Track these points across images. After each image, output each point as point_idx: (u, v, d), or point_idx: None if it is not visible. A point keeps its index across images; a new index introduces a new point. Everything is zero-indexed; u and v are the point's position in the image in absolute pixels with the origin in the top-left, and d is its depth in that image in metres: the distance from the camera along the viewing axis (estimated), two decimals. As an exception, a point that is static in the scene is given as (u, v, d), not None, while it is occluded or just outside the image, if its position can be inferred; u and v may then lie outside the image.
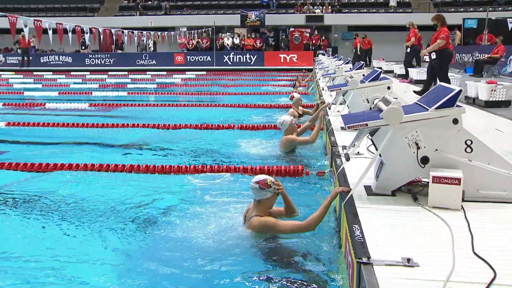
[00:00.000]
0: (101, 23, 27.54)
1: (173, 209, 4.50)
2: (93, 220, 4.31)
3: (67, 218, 4.37)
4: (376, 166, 3.81)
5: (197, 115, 10.53)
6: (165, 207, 4.57)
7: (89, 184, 5.44)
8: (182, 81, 20.18)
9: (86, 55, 27.01)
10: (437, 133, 3.45)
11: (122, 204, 4.70)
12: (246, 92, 14.69)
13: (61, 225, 4.22)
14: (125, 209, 4.59)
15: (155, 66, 25.82)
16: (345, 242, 3.20)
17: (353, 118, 3.76)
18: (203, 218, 4.16)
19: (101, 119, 10.06)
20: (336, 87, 7.73)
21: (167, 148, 7.40)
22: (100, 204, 4.72)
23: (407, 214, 3.27)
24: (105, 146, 7.59)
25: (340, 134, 6.22)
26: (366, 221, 3.12)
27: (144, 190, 5.16)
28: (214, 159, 6.59)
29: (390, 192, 3.65)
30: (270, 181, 3.64)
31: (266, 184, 3.63)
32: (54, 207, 4.70)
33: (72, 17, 31.50)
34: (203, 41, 28.46)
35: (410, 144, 3.48)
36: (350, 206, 3.40)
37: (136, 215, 4.41)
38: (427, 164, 3.47)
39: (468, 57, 18.21)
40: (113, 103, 12.51)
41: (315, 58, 24.19)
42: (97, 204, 4.73)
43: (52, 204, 4.76)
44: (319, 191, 4.96)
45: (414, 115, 3.45)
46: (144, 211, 4.51)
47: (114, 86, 18.04)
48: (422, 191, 3.62)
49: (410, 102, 4.27)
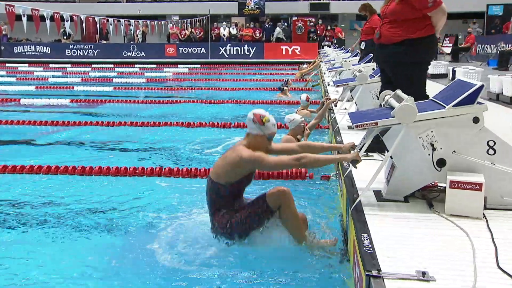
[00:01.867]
0: (83, 10, 27.60)
1: (163, 214, 4.51)
2: (65, 226, 4.35)
3: (36, 224, 4.40)
4: (387, 169, 3.80)
5: (191, 112, 10.53)
6: (154, 212, 4.60)
7: (71, 188, 5.45)
8: (173, 75, 20.16)
9: (67, 45, 26.99)
10: (455, 133, 3.44)
11: (101, 210, 4.74)
12: (244, 87, 14.70)
13: (30, 231, 4.26)
14: (103, 214, 4.63)
15: (144, 59, 25.86)
16: (353, 252, 3.19)
17: (361, 116, 3.75)
18: (190, 225, 4.19)
19: (84, 116, 10.04)
20: (343, 82, 7.73)
21: (157, 148, 7.40)
22: (76, 209, 4.75)
23: (422, 223, 3.25)
24: (88, 146, 7.56)
25: (347, 133, 6.20)
26: (376, 229, 3.10)
27: (133, 194, 5.18)
28: (207, 160, 6.59)
29: (402, 198, 3.63)
30: (267, 119, 3.63)
31: (260, 120, 3.63)
32: (23, 211, 4.72)
33: (50, 2, 31.25)
34: (197, 31, 28.49)
35: (424, 145, 3.47)
36: (358, 213, 3.38)
37: (116, 221, 4.45)
38: (444, 167, 3.45)
39: (492, 48, 18.13)
40: (97, 99, 12.48)
41: (319, 50, 24.20)
42: (72, 209, 4.75)
43: (21, 209, 4.79)
44: (323, 197, 4.95)
45: (429, 113, 3.44)
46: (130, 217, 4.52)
47: (98, 80, 18.03)
48: (438, 197, 3.61)
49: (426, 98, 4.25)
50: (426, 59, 4.60)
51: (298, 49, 25.77)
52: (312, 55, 24.17)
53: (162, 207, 4.73)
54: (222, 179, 3.61)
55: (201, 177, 5.64)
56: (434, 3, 4.29)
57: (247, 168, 3.60)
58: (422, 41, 4.42)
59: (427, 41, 4.45)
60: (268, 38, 28.31)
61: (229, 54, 26.02)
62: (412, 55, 4.46)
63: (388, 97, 3.95)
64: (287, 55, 25.64)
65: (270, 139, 3.71)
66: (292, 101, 11.24)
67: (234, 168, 3.57)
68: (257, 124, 3.63)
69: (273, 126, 3.67)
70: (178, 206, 4.71)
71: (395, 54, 4.53)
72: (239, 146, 3.64)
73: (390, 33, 4.54)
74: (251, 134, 3.67)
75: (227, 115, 10.14)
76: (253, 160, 3.51)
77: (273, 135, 3.71)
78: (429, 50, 4.59)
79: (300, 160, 3.50)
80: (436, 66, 13.54)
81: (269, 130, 3.65)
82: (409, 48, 4.44)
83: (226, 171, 3.60)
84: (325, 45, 24.73)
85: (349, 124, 6.22)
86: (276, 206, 3.58)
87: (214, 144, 7.52)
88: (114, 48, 26.97)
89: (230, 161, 3.58)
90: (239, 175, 3.61)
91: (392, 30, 4.52)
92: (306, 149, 3.83)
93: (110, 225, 4.36)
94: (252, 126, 3.65)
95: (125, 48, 26.81)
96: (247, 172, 3.63)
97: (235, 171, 3.58)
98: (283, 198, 3.58)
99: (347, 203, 3.77)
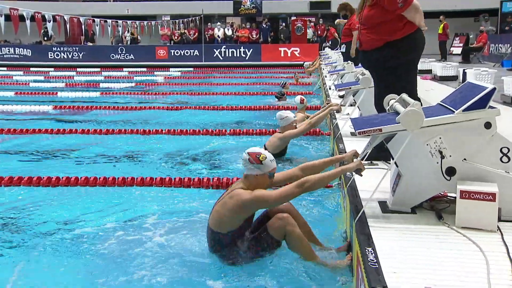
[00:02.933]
0: (67, 10, 27.61)
1: (154, 227, 4.55)
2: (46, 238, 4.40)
3: (11, 235, 4.47)
4: (392, 179, 3.80)
5: (183, 119, 10.54)
6: (148, 224, 4.66)
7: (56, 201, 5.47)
8: (165, 80, 20.18)
9: (49, 47, 26.90)
10: (466, 139, 3.43)
11: (79, 223, 4.79)
12: (240, 92, 14.72)
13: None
14: (85, 226, 4.67)
15: (133, 62, 25.87)
16: (356, 267, 3.17)
17: (364, 123, 3.75)
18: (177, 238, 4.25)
19: (68, 124, 10.02)
20: (345, 86, 7.74)
21: (147, 157, 7.38)
22: (58, 221, 4.81)
23: (430, 236, 3.24)
24: (73, 156, 7.55)
25: (350, 140, 6.22)
26: (381, 243, 3.09)
27: (121, 205, 5.24)
28: (200, 170, 6.61)
29: (409, 209, 3.63)
30: (263, 157, 3.67)
31: (257, 159, 3.66)
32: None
33: (30, 1, 31.05)
34: (190, 33, 28.57)
35: (432, 152, 3.47)
36: (362, 225, 3.37)
37: (103, 233, 4.48)
38: (454, 176, 3.45)
39: (506, 48, 18.12)
40: (83, 106, 12.47)
41: (320, 52, 24.28)
42: (53, 222, 4.81)
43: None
44: (324, 208, 4.94)
45: (437, 118, 3.44)
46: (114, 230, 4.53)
47: (84, 85, 18.04)
48: (448, 208, 3.60)
49: (433, 103, 4.25)
50: (410, 58, 4.65)
51: (297, 51, 25.82)
52: (312, 58, 24.23)
53: (157, 217, 4.81)
54: (223, 228, 3.65)
55: (195, 187, 5.73)
56: (404, 3, 4.41)
57: (250, 211, 3.64)
58: (404, 41, 4.52)
59: (408, 40, 4.53)
60: (266, 39, 28.40)
61: (224, 56, 26.06)
62: (396, 57, 4.55)
63: (393, 101, 3.95)
64: (286, 57, 25.70)
65: (272, 176, 3.74)
66: (292, 107, 11.25)
67: (236, 215, 3.61)
68: (254, 164, 3.66)
69: (271, 162, 3.71)
70: (175, 216, 4.77)
71: (378, 59, 4.65)
72: (237, 190, 3.65)
73: (369, 39, 4.66)
74: (250, 175, 3.69)
75: (222, 121, 10.14)
76: (256, 201, 3.54)
77: (274, 171, 3.74)
78: (413, 48, 4.63)
79: (303, 185, 3.50)
80: (445, 67, 13.56)
81: (268, 168, 3.69)
82: (391, 50, 4.54)
83: (227, 219, 3.62)
84: (326, 46, 24.81)
85: (352, 130, 6.23)
86: (281, 236, 3.63)
87: (207, 152, 7.52)
88: (101, 51, 26.96)
89: (231, 207, 3.59)
90: (242, 220, 3.64)
91: (371, 36, 4.64)
92: (308, 170, 3.85)
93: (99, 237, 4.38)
94: (250, 167, 3.68)
95: (112, 50, 26.83)
96: (249, 215, 3.67)
97: (238, 217, 3.62)
98: (287, 227, 3.62)
99: (350, 214, 3.76)
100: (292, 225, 3.63)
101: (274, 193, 3.56)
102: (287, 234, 3.62)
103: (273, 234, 3.64)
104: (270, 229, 3.66)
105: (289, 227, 3.62)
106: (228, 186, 5.61)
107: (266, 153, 3.73)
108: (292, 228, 3.62)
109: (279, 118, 6.78)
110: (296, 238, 3.63)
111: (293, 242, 3.64)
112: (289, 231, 3.61)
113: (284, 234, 3.63)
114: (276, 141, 6.66)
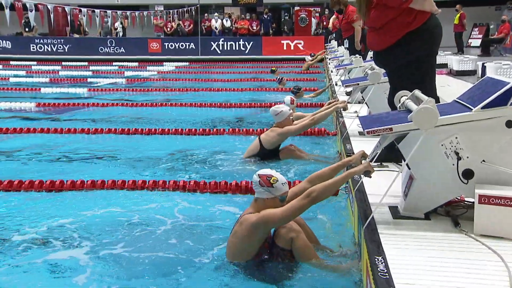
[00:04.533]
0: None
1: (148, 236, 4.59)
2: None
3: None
4: (404, 182, 3.79)
5: (178, 117, 10.54)
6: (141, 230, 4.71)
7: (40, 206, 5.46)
8: (158, 75, 20.19)
9: (32, 39, 26.81)
10: (485, 139, 3.43)
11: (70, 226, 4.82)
12: (239, 88, 14.73)
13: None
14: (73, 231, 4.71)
15: (124, 55, 25.87)
16: (365, 278, 3.18)
17: (374, 121, 3.75)
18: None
19: (53, 123, 10.03)
20: (352, 81, 7.74)
21: (138, 158, 7.37)
22: (43, 227, 4.82)
23: (446, 244, 3.24)
24: (58, 157, 7.54)
25: (358, 141, 6.22)
26: (392, 252, 3.09)
27: (111, 211, 5.24)
28: (196, 172, 6.62)
29: (423, 215, 3.62)
30: (275, 179, 3.72)
31: (268, 182, 3.71)
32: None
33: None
34: (185, 24, 28.57)
35: (448, 153, 3.46)
36: (372, 232, 3.37)
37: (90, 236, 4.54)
38: (471, 179, 3.44)
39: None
40: (69, 103, 12.47)
41: (326, 44, 24.27)
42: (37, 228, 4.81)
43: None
44: (331, 214, 4.94)
45: (453, 116, 3.44)
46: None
47: (70, 80, 18.05)
48: (466, 214, 3.59)
49: (449, 99, 4.25)
50: (425, 52, 4.57)
51: (301, 44, 25.77)
52: (317, 51, 24.24)
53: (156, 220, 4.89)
54: (241, 258, 3.75)
55: (189, 191, 5.72)
56: None
57: (261, 233, 3.69)
58: (416, 33, 4.44)
59: (421, 32, 4.45)
60: (267, 31, 28.40)
61: (222, 50, 26.06)
62: (410, 52, 4.51)
63: (405, 98, 3.95)
64: (289, 51, 25.66)
65: (283, 199, 3.77)
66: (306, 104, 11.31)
67: (250, 240, 3.69)
68: (265, 187, 3.72)
69: (283, 185, 3.76)
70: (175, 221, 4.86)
71: (391, 57, 4.63)
72: (245, 215, 3.73)
73: (379, 40, 4.64)
74: (260, 199, 3.76)
75: (220, 120, 10.14)
76: (265, 221, 3.60)
77: (286, 195, 3.79)
78: (428, 40, 4.53)
79: (309, 196, 3.54)
80: (463, 61, 13.49)
81: (280, 191, 3.74)
82: (404, 47, 4.50)
83: (242, 248, 3.73)
84: (332, 39, 24.81)
85: (360, 129, 6.22)
86: (288, 244, 3.69)
87: (204, 153, 7.52)
88: (89, 43, 26.97)
89: (242, 235, 3.69)
90: (257, 246, 3.72)
91: (380, 36, 4.62)
92: (316, 181, 3.88)
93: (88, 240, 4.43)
94: (260, 190, 3.74)
95: (101, 43, 26.80)
96: (262, 239, 3.72)
97: (252, 244, 3.70)
98: (291, 233, 3.68)
99: (358, 220, 3.76)
100: (296, 231, 3.69)
101: (281, 210, 3.60)
102: (293, 240, 3.67)
103: (281, 245, 3.71)
104: (277, 240, 3.73)
105: (293, 234, 3.67)
106: (226, 190, 5.70)
107: (278, 175, 3.78)
108: (297, 234, 3.68)
109: (273, 114, 6.80)
110: (302, 245, 3.68)
111: (299, 249, 3.68)
112: (294, 238, 3.67)
113: (291, 242, 3.68)
114: (274, 136, 6.64)
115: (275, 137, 6.65)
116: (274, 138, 6.65)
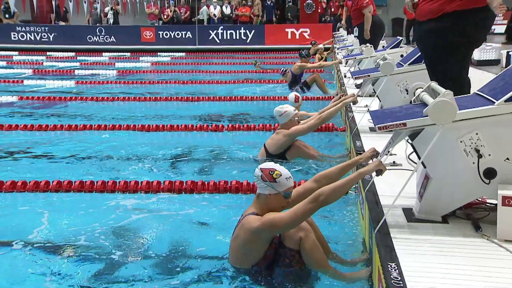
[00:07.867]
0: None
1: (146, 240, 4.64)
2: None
3: None
4: (419, 182, 3.78)
5: (173, 112, 10.56)
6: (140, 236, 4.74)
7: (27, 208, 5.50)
8: (152, 66, 20.21)
9: (12, 27, 26.73)
10: (509, 135, 3.42)
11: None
12: (240, 81, 14.75)
13: None
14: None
15: (115, 45, 25.91)
16: (378, 285, 3.17)
17: (386, 116, 3.75)
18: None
19: (37, 119, 10.02)
20: (362, 73, 7.73)
21: (130, 157, 7.39)
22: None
23: (466, 249, 3.24)
24: (43, 156, 7.54)
25: (369, 137, 6.21)
26: (406, 258, 3.09)
27: (100, 214, 5.25)
28: (192, 172, 6.64)
29: (440, 218, 3.63)
30: (278, 173, 3.71)
31: (270, 176, 3.70)
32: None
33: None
34: (181, 11, 28.57)
35: (467, 151, 3.45)
36: (384, 236, 3.37)
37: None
38: (494, 179, 3.44)
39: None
40: (54, 96, 12.47)
41: (334, 33, 24.26)
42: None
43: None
44: (340, 216, 4.95)
45: (473, 110, 3.44)
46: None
47: (56, 72, 18.07)
48: (487, 217, 3.60)
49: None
50: (473, 38, 4.47)
51: (307, 32, 25.74)
52: (325, 40, 24.24)
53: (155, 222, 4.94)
54: (245, 263, 3.75)
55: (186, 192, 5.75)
56: None
57: (264, 240, 3.68)
58: (470, 14, 4.31)
59: (471, 15, 4.32)
60: (270, 19, 28.37)
61: (221, 39, 26.07)
62: (455, 32, 4.40)
63: (420, 90, 3.94)
64: (294, 40, 25.63)
65: (288, 196, 3.76)
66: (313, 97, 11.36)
67: (253, 246, 3.68)
68: (267, 182, 3.70)
69: (287, 180, 3.74)
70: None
71: (431, 31, 4.53)
72: (247, 217, 3.71)
73: (427, 9, 4.54)
74: (262, 194, 3.75)
75: (219, 115, 10.14)
76: (267, 227, 3.58)
77: (291, 190, 3.78)
78: (474, 26, 4.40)
79: (317, 199, 3.52)
80: (484, 50, 13.37)
81: (283, 187, 3.72)
82: (447, 22, 4.39)
83: (244, 253, 3.73)
84: (341, 27, 24.80)
85: (371, 125, 6.21)
86: (297, 244, 3.66)
87: (203, 151, 7.54)
88: (76, 32, 26.93)
89: (243, 240, 3.69)
90: (262, 251, 3.70)
91: (430, 6, 4.52)
92: (323, 180, 3.87)
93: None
94: (262, 185, 3.73)
95: (90, 31, 26.78)
96: (268, 243, 3.71)
97: (257, 250, 3.69)
98: (300, 233, 3.66)
99: (369, 224, 3.75)
100: (305, 230, 3.67)
101: (286, 214, 3.58)
102: (302, 240, 3.65)
103: (288, 245, 3.69)
104: (285, 241, 3.71)
105: (301, 233, 3.65)
106: (226, 190, 5.71)
107: (281, 169, 3.76)
108: (306, 234, 3.66)
109: (277, 115, 6.76)
110: (311, 246, 3.65)
111: (308, 250, 3.66)
112: (303, 237, 3.65)
113: (299, 242, 3.66)
114: (280, 138, 6.61)
115: (281, 140, 6.62)
116: (280, 140, 6.62)
